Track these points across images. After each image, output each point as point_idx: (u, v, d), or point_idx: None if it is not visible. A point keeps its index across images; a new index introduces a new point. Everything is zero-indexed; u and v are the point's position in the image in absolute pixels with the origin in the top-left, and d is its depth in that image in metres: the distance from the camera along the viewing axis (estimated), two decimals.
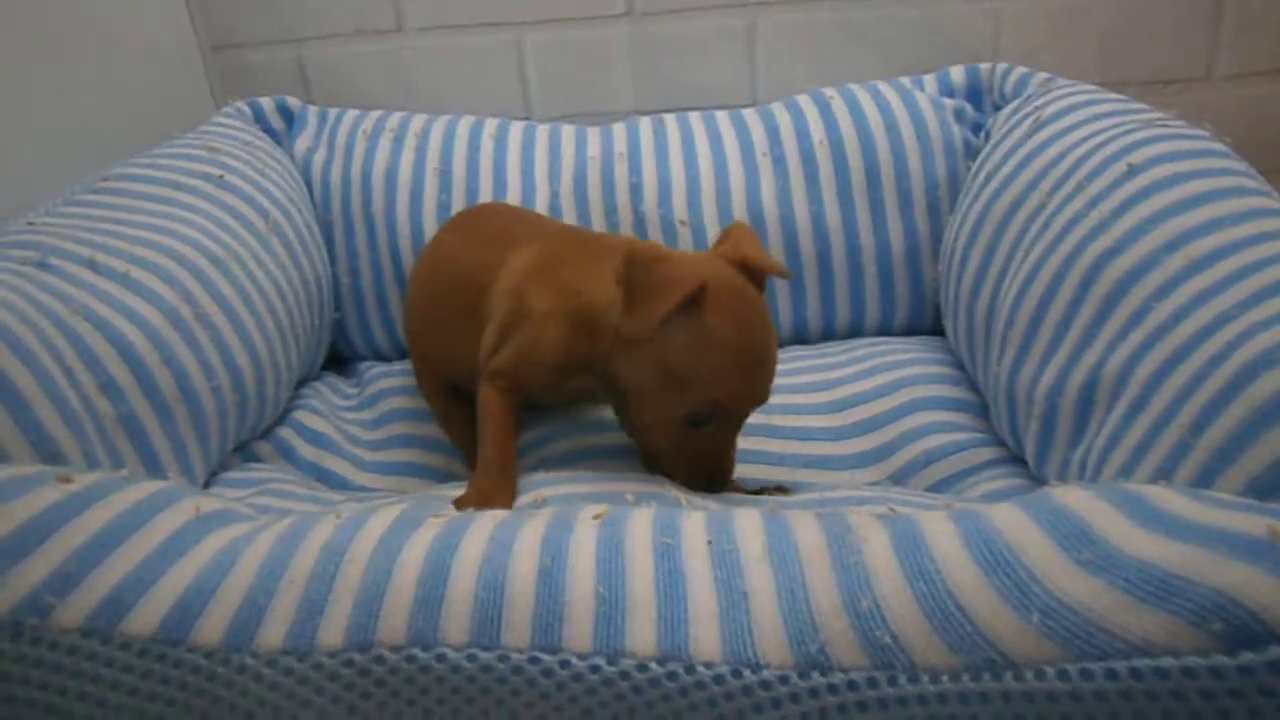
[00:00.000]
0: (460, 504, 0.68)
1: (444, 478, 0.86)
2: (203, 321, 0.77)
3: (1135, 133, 0.72)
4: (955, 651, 0.36)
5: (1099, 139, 0.74)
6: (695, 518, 0.47)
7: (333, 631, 0.42)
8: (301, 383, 1.00)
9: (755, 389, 0.67)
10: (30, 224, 0.73)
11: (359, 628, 0.42)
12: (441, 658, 0.41)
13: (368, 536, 0.45)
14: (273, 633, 0.42)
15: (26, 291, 0.64)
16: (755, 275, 0.69)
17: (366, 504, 0.68)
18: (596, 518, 0.47)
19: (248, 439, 0.87)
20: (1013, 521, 0.40)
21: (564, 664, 0.40)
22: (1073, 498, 0.40)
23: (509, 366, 0.75)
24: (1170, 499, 0.39)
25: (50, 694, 0.41)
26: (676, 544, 0.44)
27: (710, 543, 0.44)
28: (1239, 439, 0.49)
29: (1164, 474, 0.53)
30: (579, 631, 0.41)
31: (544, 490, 0.70)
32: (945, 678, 0.36)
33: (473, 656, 0.41)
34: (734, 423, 0.69)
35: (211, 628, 0.42)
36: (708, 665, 0.39)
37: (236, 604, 0.42)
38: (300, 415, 0.93)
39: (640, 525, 0.46)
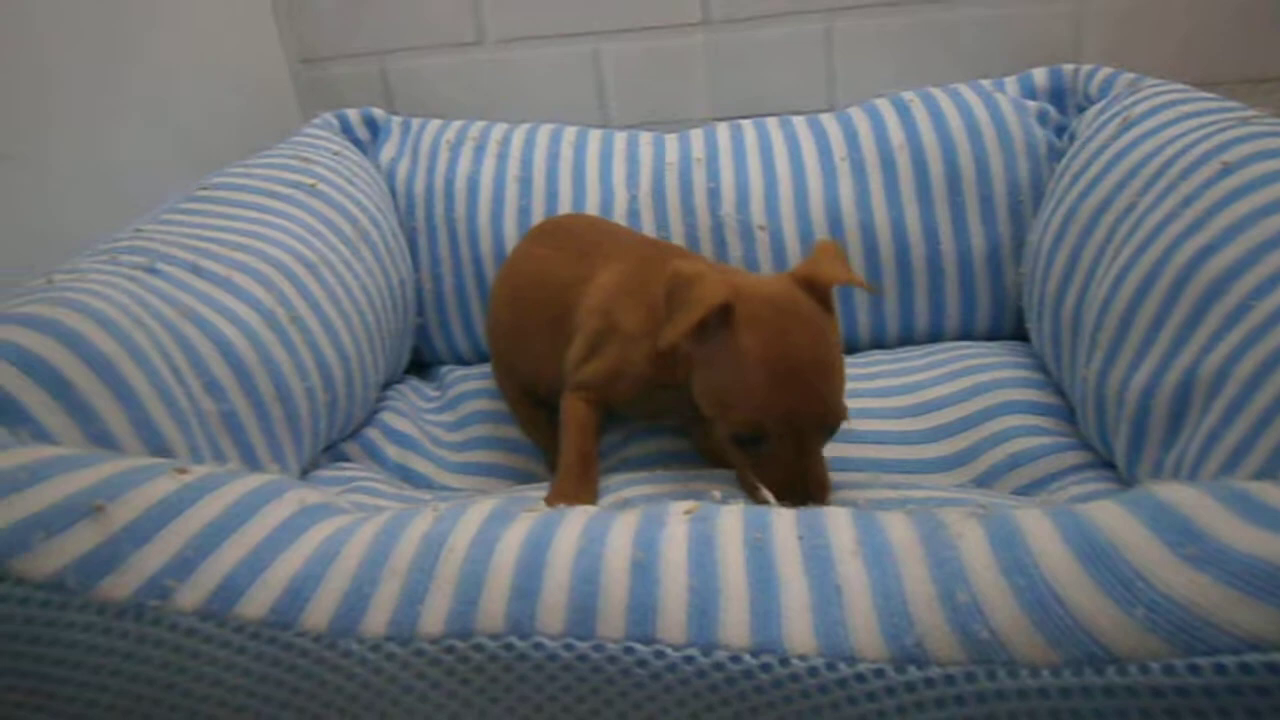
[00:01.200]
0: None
1: (525, 478, 0.88)
2: (298, 324, 0.80)
3: (1229, 130, 0.71)
4: (1056, 646, 0.36)
5: (1191, 137, 0.73)
6: (785, 514, 0.47)
7: (433, 619, 0.43)
8: (386, 385, 1.03)
9: (801, 407, 0.63)
10: (139, 231, 0.76)
11: (458, 616, 0.43)
12: (539, 646, 0.41)
13: (465, 527, 0.47)
14: (376, 619, 0.43)
15: (138, 295, 0.67)
16: (824, 292, 0.67)
17: (460, 500, 0.70)
18: (687, 513, 0.47)
19: (337, 439, 0.90)
20: (1113, 517, 0.39)
21: (658, 654, 0.41)
22: (1175, 493, 0.40)
23: (597, 380, 0.76)
24: (1276, 495, 0.38)
25: (170, 673, 0.43)
26: (767, 539, 0.44)
27: (801, 538, 0.44)
28: None
29: (1265, 475, 0.52)
30: (673, 623, 0.41)
31: (626, 491, 0.71)
32: (1046, 672, 0.36)
33: (569, 646, 0.41)
34: (795, 443, 0.64)
35: (319, 613, 0.43)
36: (802, 658, 0.39)
37: (342, 591, 0.44)
38: (386, 417, 0.96)
39: (731, 520, 0.46)
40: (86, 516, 0.44)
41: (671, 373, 0.71)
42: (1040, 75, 1.05)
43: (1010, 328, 1.02)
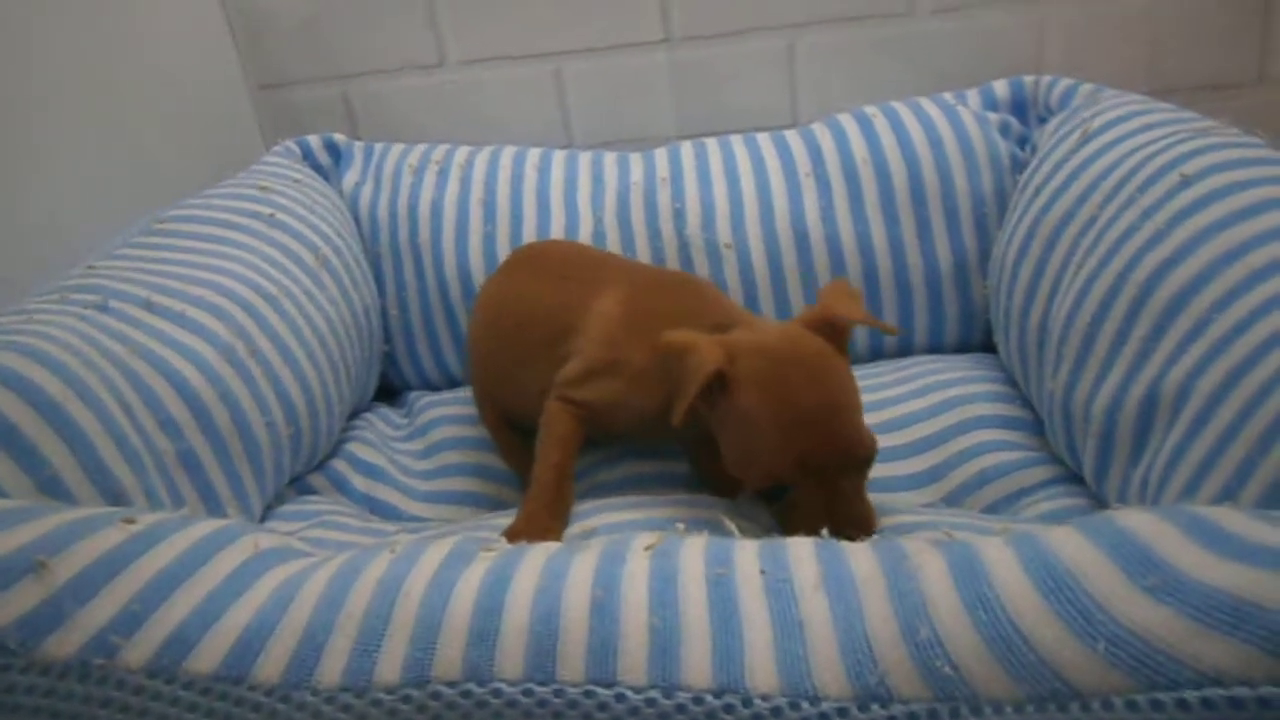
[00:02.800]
0: (511, 532, 0.68)
1: (496, 505, 0.87)
2: (257, 357, 0.78)
3: (1188, 142, 0.71)
4: (1019, 682, 0.36)
5: (1151, 149, 0.73)
6: (748, 547, 0.46)
7: (390, 667, 0.42)
8: (353, 414, 1.01)
9: (815, 450, 0.62)
10: (90, 268, 0.75)
11: (415, 663, 0.42)
12: (497, 692, 0.40)
13: (422, 571, 0.45)
14: (331, 669, 0.42)
15: (88, 334, 0.65)
16: (838, 332, 0.67)
17: (420, 536, 0.69)
18: (648, 548, 0.46)
19: (302, 471, 0.88)
20: (1074, 546, 0.39)
21: (619, 698, 0.40)
22: (1135, 521, 0.39)
23: (595, 404, 0.75)
24: (1237, 521, 0.38)
25: None
26: (729, 574, 0.44)
27: (763, 572, 0.44)
28: None
29: (1230, 492, 0.52)
30: (633, 664, 0.40)
31: (593, 519, 0.70)
32: (1009, 709, 0.35)
33: (528, 691, 0.40)
34: (823, 487, 0.62)
35: (272, 665, 0.42)
36: (765, 698, 0.39)
37: (295, 640, 0.43)
38: (353, 447, 0.94)
39: (693, 556, 0.45)
40: (28, 574, 0.43)
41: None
42: (1001, 87, 1.05)
43: (979, 340, 1.02)
